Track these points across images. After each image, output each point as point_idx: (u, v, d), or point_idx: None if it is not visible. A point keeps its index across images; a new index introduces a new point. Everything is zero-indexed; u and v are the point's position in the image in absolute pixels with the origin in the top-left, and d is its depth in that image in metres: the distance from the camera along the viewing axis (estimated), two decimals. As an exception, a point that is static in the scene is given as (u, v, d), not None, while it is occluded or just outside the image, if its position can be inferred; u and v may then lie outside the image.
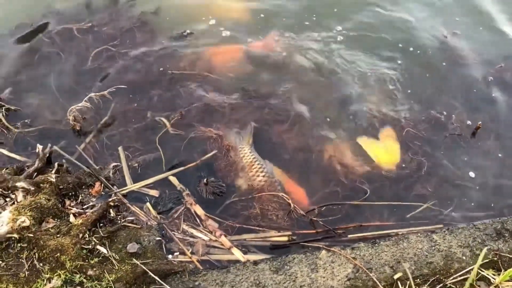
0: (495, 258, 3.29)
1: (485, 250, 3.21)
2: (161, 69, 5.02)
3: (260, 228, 3.77)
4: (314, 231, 3.75)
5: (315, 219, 3.80)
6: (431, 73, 5.13)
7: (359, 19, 5.77)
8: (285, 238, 3.72)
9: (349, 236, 3.70)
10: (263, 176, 4.05)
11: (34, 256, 3.24)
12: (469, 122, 4.56)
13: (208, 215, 3.83)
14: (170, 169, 4.14)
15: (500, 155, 4.35)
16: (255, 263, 3.36)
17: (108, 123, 4.49)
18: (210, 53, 5.23)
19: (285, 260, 3.35)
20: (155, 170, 4.14)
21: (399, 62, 5.25)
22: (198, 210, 3.84)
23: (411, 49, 5.40)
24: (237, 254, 3.56)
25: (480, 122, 4.43)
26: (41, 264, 3.22)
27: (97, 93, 4.44)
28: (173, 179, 4.06)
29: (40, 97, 4.73)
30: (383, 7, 5.97)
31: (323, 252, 3.38)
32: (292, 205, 3.86)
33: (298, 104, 4.74)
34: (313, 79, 5.05)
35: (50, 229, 3.44)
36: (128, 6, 5.81)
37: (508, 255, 3.30)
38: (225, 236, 3.68)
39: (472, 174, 4.21)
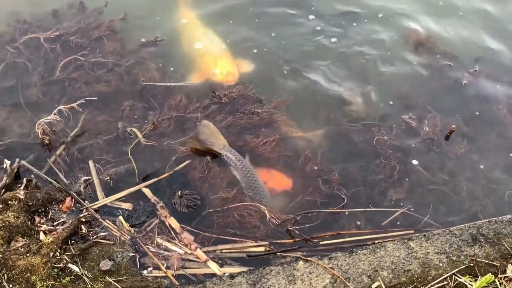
0: (472, 264, 3.29)
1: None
2: (132, 78, 4.92)
3: (237, 239, 3.72)
4: (291, 240, 3.71)
5: (291, 228, 3.77)
6: (404, 77, 5.14)
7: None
8: (262, 249, 3.67)
9: (326, 243, 3.67)
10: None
11: (3, 277, 3.13)
12: (439, 129, 4.58)
13: (183, 226, 3.77)
14: (143, 180, 4.07)
15: (474, 159, 4.38)
16: (232, 276, 3.30)
17: (78, 136, 4.38)
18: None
19: (262, 273, 3.29)
20: (128, 183, 4.06)
21: (371, 66, 5.26)
22: (173, 222, 3.77)
23: (383, 52, 5.41)
24: (213, 267, 3.50)
25: (454, 126, 4.45)
26: (10, 286, 3.12)
27: (66, 106, 4.32)
28: (147, 191, 3.99)
29: (6, 110, 4.59)
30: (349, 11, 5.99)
31: (300, 263, 3.34)
32: (268, 215, 3.82)
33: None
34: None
35: (19, 249, 3.34)
36: (96, 14, 5.68)
37: (484, 261, 3.31)
38: (201, 248, 3.62)
39: (415, 162, 4.32)
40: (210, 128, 4.37)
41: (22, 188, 3.76)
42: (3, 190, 3.76)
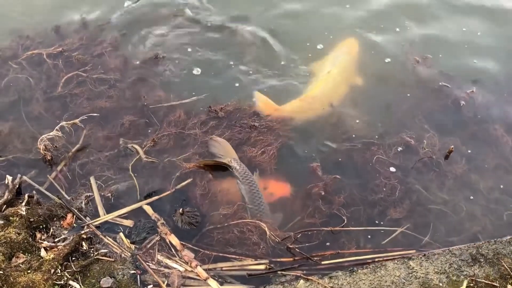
0: (472, 284, 3.31)
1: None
2: (133, 95, 4.95)
3: (237, 257, 3.73)
4: (291, 259, 3.72)
5: (291, 246, 3.78)
6: (402, 97, 5.18)
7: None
8: (262, 267, 3.67)
9: (327, 263, 3.68)
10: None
11: (4, 294, 3.14)
12: (438, 148, 4.60)
13: (183, 243, 3.77)
14: (144, 198, 4.08)
15: (472, 178, 4.41)
16: (232, 295, 3.32)
17: (80, 152, 4.40)
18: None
19: (263, 292, 3.31)
20: (129, 199, 4.07)
21: (370, 85, 5.31)
22: (173, 239, 3.78)
23: (382, 72, 5.45)
24: (214, 285, 3.50)
25: (453, 146, 4.48)
26: (11, 302, 3.12)
27: (69, 122, 4.34)
28: (147, 208, 4.00)
29: (8, 125, 4.60)
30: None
31: (301, 282, 3.36)
32: (268, 232, 3.83)
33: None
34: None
35: (20, 265, 3.34)
36: (98, 30, 5.73)
37: (484, 281, 3.33)
38: (201, 266, 3.63)
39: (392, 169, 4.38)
40: (221, 142, 4.49)
41: (23, 204, 3.77)
42: (5, 206, 3.76)
